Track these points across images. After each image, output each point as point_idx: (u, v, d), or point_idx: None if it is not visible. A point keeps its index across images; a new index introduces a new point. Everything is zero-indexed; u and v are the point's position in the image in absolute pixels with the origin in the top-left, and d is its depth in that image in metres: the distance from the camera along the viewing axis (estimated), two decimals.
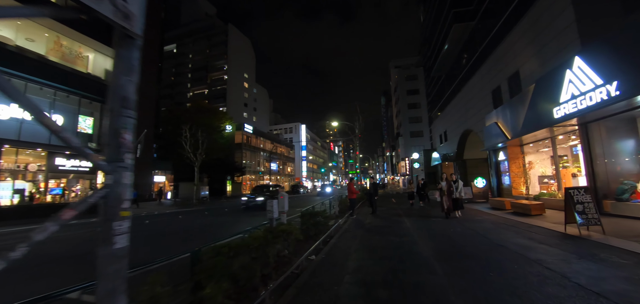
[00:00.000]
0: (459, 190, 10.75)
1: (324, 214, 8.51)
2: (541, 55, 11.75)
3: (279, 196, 6.48)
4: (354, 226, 9.94)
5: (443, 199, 10.90)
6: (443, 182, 11.16)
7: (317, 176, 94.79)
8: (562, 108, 9.48)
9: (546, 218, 9.62)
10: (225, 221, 13.29)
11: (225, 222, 13.08)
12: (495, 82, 15.81)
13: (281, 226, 5.66)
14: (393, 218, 11.68)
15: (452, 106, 24.81)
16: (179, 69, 70.42)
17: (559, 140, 12.38)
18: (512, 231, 7.76)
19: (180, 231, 10.75)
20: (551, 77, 10.07)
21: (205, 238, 8.71)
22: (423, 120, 54.58)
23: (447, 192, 10.81)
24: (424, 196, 15.88)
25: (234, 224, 12.04)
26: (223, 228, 11.37)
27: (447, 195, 10.78)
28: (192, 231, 10.83)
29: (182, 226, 12.10)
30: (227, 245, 4.15)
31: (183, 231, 10.88)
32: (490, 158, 16.97)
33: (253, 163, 53.55)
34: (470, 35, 19.41)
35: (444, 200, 10.85)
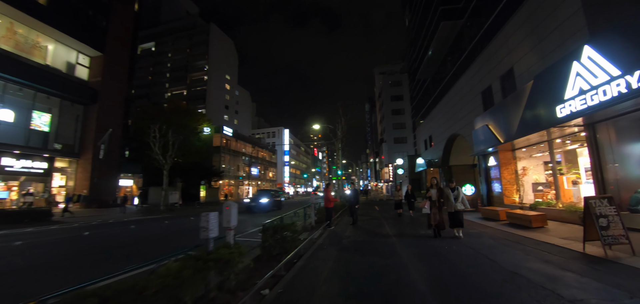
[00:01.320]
0: (459, 199, 8.07)
1: (293, 227, 6.86)
2: (540, 49, 10.65)
3: (225, 207, 4.80)
4: (329, 241, 8.34)
5: (432, 211, 8.31)
6: (432, 189, 8.54)
7: (299, 182, 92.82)
8: (567, 106, 8.28)
9: (550, 231, 8.35)
10: (175, 233, 11.39)
11: (175, 234, 11.17)
12: (486, 81, 14.74)
13: (220, 251, 4.00)
14: (376, 230, 10.15)
15: (438, 110, 23.82)
16: (157, 68, 67.24)
17: (556, 143, 11.30)
18: (519, 250, 6.37)
19: (104, 249, 8.42)
20: (554, 72, 8.90)
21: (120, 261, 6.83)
22: (407, 127, 54.06)
23: (437, 203, 8.27)
24: (413, 204, 14.06)
25: (181, 238, 10.14)
26: (161, 243, 9.43)
27: (438, 206, 8.22)
28: (121, 247, 8.68)
29: (119, 240, 9.93)
30: (98, 293, 2.44)
31: (109, 247, 8.61)
32: (480, 163, 15.85)
33: (233, 168, 51.16)
34: (458, 34, 18.43)
35: (433, 213, 8.27)
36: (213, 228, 4.16)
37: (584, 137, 10.18)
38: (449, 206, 8.13)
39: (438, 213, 8.23)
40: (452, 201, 8.10)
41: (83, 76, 28.84)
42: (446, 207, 8.12)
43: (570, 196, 10.69)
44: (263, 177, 62.15)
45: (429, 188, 8.72)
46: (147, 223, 15.01)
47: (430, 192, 8.51)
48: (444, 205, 8.17)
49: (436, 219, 8.20)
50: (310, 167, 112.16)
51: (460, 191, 8.28)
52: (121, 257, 7.30)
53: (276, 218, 7.85)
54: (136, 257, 6.97)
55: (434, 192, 8.46)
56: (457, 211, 8.07)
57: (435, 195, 8.40)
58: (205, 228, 4.07)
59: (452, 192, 8.26)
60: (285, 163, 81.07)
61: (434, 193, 8.46)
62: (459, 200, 8.12)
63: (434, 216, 8.25)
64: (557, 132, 10.66)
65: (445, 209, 8.15)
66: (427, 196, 8.54)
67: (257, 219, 15.44)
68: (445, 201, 8.22)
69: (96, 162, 26.86)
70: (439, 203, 8.28)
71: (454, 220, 8.15)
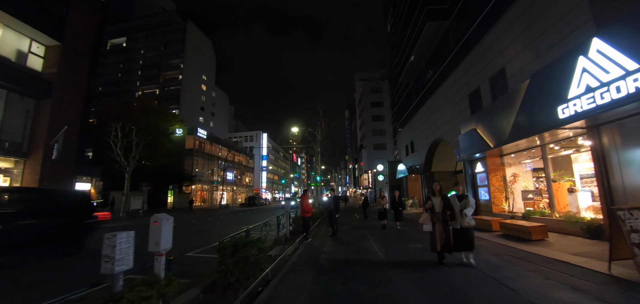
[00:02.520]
0: (466, 212, 5.94)
1: (259, 244, 5.45)
2: (536, 46, 9.93)
3: (153, 222, 3.33)
4: (305, 258, 6.96)
5: (435, 228, 6.03)
6: (435, 198, 6.19)
7: (277, 187, 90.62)
8: (570, 106, 7.42)
9: (553, 245, 7.43)
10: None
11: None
12: (474, 83, 14.03)
13: (132, 292, 2.55)
14: (359, 244, 8.87)
15: (421, 115, 23.16)
16: (128, 65, 63.28)
17: (548, 149, 10.60)
18: (532, 270, 5.30)
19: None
20: (554, 69, 8.08)
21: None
22: (387, 133, 53.84)
23: (442, 216, 5.99)
24: (401, 214, 12.50)
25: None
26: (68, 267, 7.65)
27: (442, 221, 5.97)
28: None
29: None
30: None
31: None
32: (466, 169, 15.07)
33: (207, 172, 48.59)
34: (444, 35, 17.80)
35: (437, 230, 5.99)
36: (124, 257, 2.70)
37: (577, 141, 9.56)
38: (455, 221, 5.94)
39: (444, 231, 5.95)
40: (459, 215, 5.95)
41: (36, 67, 25.81)
42: (452, 222, 5.96)
43: (565, 205, 9.95)
44: (239, 182, 59.72)
45: (430, 197, 6.31)
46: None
47: (432, 202, 6.17)
48: (451, 219, 5.94)
49: (443, 239, 5.94)
50: (288, 173, 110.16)
51: (470, 200, 6.03)
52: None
53: (242, 231, 6.42)
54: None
55: (438, 202, 6.10)
56: (465, 229, 5.87)
57: (440, 205, 6.06)
58: (109, 258, 2.61)
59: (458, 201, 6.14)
60: (262, 168, 78.78)
61: (438, 203, 6.09)
62: (469, 212, 5.94)
63: (440, 235, 5.95)
64: (548, 137, 9.96)
65: (452, 224, 5.95)
66: (427, 207, 6.24)
67: (225, 229, 13.83)
68: (452, 215, 5.96)
69: (47, 163, 23.96)
70: (445, 216, 5.98)
71: (462, 241, 5.89)
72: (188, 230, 13.80)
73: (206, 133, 48.27)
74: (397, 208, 11.88)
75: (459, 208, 5.99)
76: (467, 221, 5.91)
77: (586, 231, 7.91)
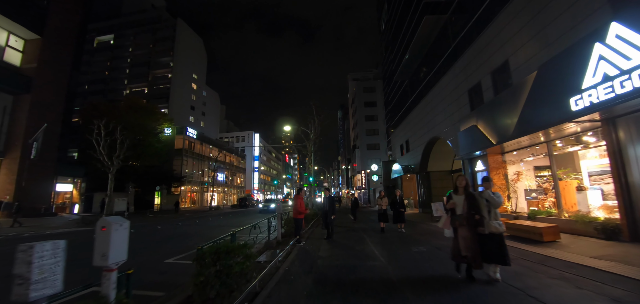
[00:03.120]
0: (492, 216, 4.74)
1: (247, 249, 4.71)
2: (543, 36, 9.41)
3: (100, 228, 2.56)
4: (299, 265, 6.22)
5: (458, 235, 4.78)
6: (457, 196, 4.96)
7: (269, 188, 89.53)
8: (585, 97, 6.88)
9: (569, 247, 6.86)
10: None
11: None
12: (474, 78, 13.50)
13: None
14: (358, 248, 8.17)
15: (416, 113, 22.64)
16: (116, 63, 61.45)
17: (554, 145, 10.10)
18: (556, 278, 4.66)
19: None
20: (566, 58, 7.53)
21: None
22: (380, 133, 53.44)
23: (467, 220, 4.66)
24: (403, 215, 11.19)
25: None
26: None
27: (468, 225, 4.64)
28: None
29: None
30: None
31: None
32: (465, 168, 14.53)
33: (197, 173, 47.37)
34: (441, 29, 17.27)
35: (460, 237, 4.72)
36: (47, 278, 1.93)
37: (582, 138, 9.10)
38: (484, 227, 4.59)
39: (471, 239, 4.57)
40: (487, 218, 4.69)
41: (14, 61, 24.55)
42: (480, 228, 4.57)
43: (573, 204, 9.43)
44: (231, 183, 58.56)
45: (451, 195, 5.04)
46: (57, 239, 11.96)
47: (453, 201, 4.89)
48: (479, 224, 4.57)
49: (470, 249, 4.56)
50: (281, 174, 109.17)
51: (497, 198, 4.78)
52: None
53: (227, 235, 5.68)
54: None
55: (461, 202, 4.80)
56: (495, 235, 4.62)
57: (464, 206, 4.72)
58: (23, 279, 1.84)
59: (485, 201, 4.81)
60: (254, 168, 77.67)
61: (461, 203, 4.79)
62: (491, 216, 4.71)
63: (465, 242, 4.60)
64: (554, 133, 9.47)
65: (480, 230, 4.57)
66: (448, 207, 4.95)
67: (211, 232, 12.99)
68: (481, 219, 4.62)
69: (25, 163, 22.72)
70: (473, 220, 4.58)
71: (490, 250, 4.56)
72: (172, 233, 12.92)
73: (196, 133, 47.12)
74: (398, 209, 11.06)
75: (486, 208, 4.77)
76: (495, 226, 4.64)
77: (601, 232, 7.37)
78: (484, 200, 4.83)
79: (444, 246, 7.84)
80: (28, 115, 24.06)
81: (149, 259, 7.46)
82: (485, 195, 4.86)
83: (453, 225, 4.93)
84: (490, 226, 4.66)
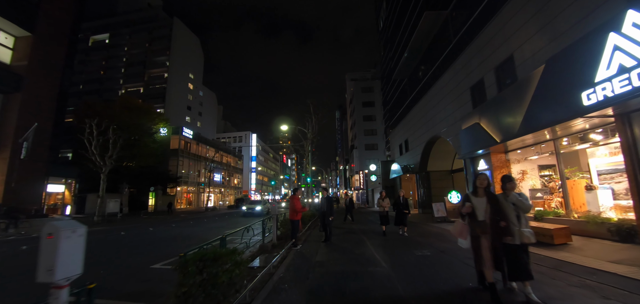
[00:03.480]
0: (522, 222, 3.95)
1: (237, 255, 4.26)
2: (552, 28, 9.01)
3: (46, 235, 2.09)
4: (294, 272, 5.74)
5: (480, 245, 3.91)
6: (478, 198, 4.06)
7: (267, 189, 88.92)
8: (598, 91, 6.47)
9: (582, 250, 6.44)
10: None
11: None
12: (477, 75, 13.09)
13: None
14: (357, 252, 7.72)
15: (416, 111, 22.23)
16: (111, 62, 60.69)
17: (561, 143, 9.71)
18: (577, 286, 4.24)
19: None
20: (577, 51, 7.13)
21: None
22: (378, 133, 53.08)
23: (491, 225, 3.84)
24: (406, 218, 10.50)
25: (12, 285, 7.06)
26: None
27: (492, 231, 3.82)
28: None
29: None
30: None
31: None
32: (467, 167, 14.13)
33: (193, 173, 46.74)
34: (442, 25, 16.86)
35: (484, 250, 3.87)
36: None
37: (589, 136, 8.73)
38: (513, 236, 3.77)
39: (496, 250, 3.79)
40: (515, 224, 3.85)
41: (4, 59, 23.92)
42: (508, 238, 3.75)
43: (582, 204, 9.03)
44: (227, 184, 57.94)
45: (468, 197, 4.13)
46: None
47: (470, 204, 4.02)
48: (503, 232, 3.75)
49: (488, 259, 3.81)
50: (278, 174, 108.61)
51: (526, 202, 3.98)
52: None
53: (216, 239, 5.20)
54: None
55: (483, 205, 3.93)
56: (524, 246, 3.83)
57: (487, 209, 3.88)
58: None
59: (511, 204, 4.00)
60: (252, 169, 77.08)
61: (483, 206, 3.92)
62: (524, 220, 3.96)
63: (485, 253, 3.83)
64: (560, 130, 9.13)
65: (508, 240, 3.74)
66: (464, 212, 4.07)
67: (206, 234, 12.49)
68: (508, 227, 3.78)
69: (15, 163, 22.11)
70: (499, 228, 3.75)
71: (519, 264, 3.74)
72: (163, 235, 12.39)
73: (192, 133, 46.51)
74: (402, 210, 10.45)
75: (514, 213, 3.92)
76: (526, 235, 3.84)
77: (615, 234, 6.96)
78: (510, 203, 3.99)
79: (448, 250, 7.41)
80: (18, 114, 23.45)
81: (134, 264, 6.97)
82: (512, 198, 4.03)
83: (472, 233, 4.02)
84: (521, 236, 3.80)
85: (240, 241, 7.19)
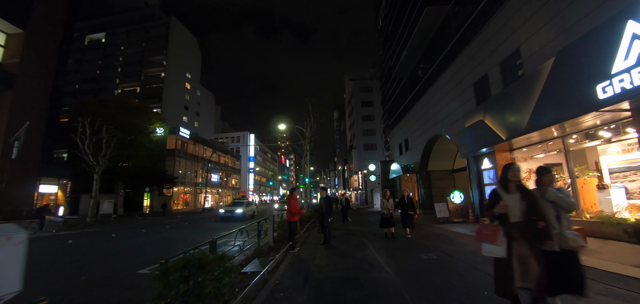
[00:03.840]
0: (563, 224, 3.15)
1: (225, 261, 3.81)
2: (562, 19, 8.61)
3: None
4: (291, 279, 5.28)
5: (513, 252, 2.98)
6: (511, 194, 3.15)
7: (265, 189, 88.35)
8: (615, 83, 6.07)
9: (598, 252, 6.05)
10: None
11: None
12: (480, 71, 12.69)
13: None
14: (358, 255, 7.27)
15: (417, 109, 21.82)
16: (108, 62, 60.01)
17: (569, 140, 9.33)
18: (605, 295, 3.82)
19: None
20: (591, 41, 6.73)
21: None
22: (377, 133, 52.72)
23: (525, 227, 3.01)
24: (412, 219, 9.86)
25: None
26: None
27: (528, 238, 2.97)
28: None
29: None
30: None
31: None
32: (470, 166, 13.72)
33: (190, 174, 46.17)
34: (443, 21, 16.46)
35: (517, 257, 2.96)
36: None
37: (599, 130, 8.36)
38: (552, 240, 3.00)
39: (532, 258, 2.93)
40: (554, 226, 3.14)
41: None
42: (548, 243, 2.98)
43: (593, 204, 8.63)
44: (225, 185, 57.38)
45: (498, 193, 3.27)
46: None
47: (504, 204, 3.12)
48: (542, 235, 2.98)
49: (531, 273, 2.92)
50: (276, 175, 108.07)
51: (567, 199, 3.23)
52: None
53: (205, 243, 4.77)
54: None
55: (516, 201, 3.10)
56: (568, 253, 3.07)
57: (523, 208, 3.07)
58: None
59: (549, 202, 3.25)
60: (250, 169, 76.55)
61: (517, 204, 3.09)
62: (567, 221, 3.20)
63: (521, 264, 2.96)
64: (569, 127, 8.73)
65: (548, 245, 2.97)
66: (498, 212, 3.13)
67: (200, 236, 12.00)
68: (548, 230, 3.02)
69: (6, 163, 21.54)
70: (536, 230, 2.98)
71: (563, 275, 3.04)
72: (155, 237, 11.89)
73: (189, 132, 45.95)
74: (407, 212, 9.77)
75: (552, 213, 3.18)
76: (572, 239, 3.06)
77: (632, 235, 6.56)
78: (548, 201, 3.21)
79: (455, 253, 6.98)
80: (10, 112, 22.90)
81: (119, 269, 6.50)
82: (550, 194, 3.23)
83: (507, 237, 3.04)
84: (564, 240, 3.05)
85: (233, 245, 6.74)
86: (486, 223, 3.38)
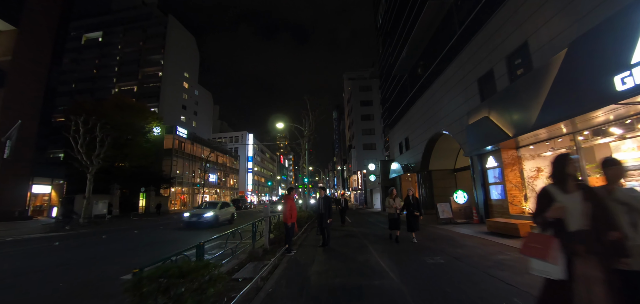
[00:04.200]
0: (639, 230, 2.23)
1: (211, 270, 3.37)
2: (574, 8, 8.18)
3: None
4: (287, 285, 4.82)
5: (576, 275, 2.14)
6: (569, 195, 2.31)
7: (264, 189, 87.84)
8: (636, 74, 5.63)
9: None
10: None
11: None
12: (485, 65, 12.24)
13: None
14: (360, 259, 6.81)
15: (418, 107, 21.38)
16: (104, 61, 59.42)
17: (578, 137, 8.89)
18: None
19: None
20: (609, 29, 6.29)
21: None
22: (376, 133, 52.30)
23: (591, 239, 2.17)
24: (417, 222, 8.97)
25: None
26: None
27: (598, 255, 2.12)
28: None
29: None
30: None
31: None
32: (474, 165, 13.29)
33: (188, 174, 45.65)
34: (446, 15, 16.01)
35: (582, 281, 2.11)
36: None
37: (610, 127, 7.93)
38: (628, 255, 2.16)
39: (603, 281, 2.08)
40: (630, 237, 2.23)
41: None
42: (624, 262, 2.15)
43: None
44: (223, 185, 56.86)
45: (550, 193, 2.41)
46: (12, 246, 10.39)
47: (560, 205, 2.28)
48: (616, 251, 2.15)
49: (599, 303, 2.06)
50: (275, 175, 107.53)
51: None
52: None
53: (190, 248, 4.30)
54: None
55: (577, 204, 2.26)
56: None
57: (587, 212, 2.23)
58: None
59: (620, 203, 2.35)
60: (248, 169, 76.02)
61: (578, 207, 2.25)
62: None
63: (587, 290, 2.10)
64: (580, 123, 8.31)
65: (624, 264, 2.15)
66: (550, 216, 2.29)
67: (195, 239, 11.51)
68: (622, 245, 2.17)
69: None
70: (608, 243, 2.14)
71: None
72: (146, 240, 11.37)
73: (187, 132, 45.42)
74: (413, 213, 8.92)
75: (626, 219, 2.30)
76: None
77: None
78: (620, 204, 2.35)
79: (463, 256, 6.52)
80: (1, 111, 22.43)
81: (101, 275, 6.03)
82: (621, 194, 2.39)
83: (566, 252, 2.21)
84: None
85: (226, 247, 6.28)
86: (535, 232, 2.49)
